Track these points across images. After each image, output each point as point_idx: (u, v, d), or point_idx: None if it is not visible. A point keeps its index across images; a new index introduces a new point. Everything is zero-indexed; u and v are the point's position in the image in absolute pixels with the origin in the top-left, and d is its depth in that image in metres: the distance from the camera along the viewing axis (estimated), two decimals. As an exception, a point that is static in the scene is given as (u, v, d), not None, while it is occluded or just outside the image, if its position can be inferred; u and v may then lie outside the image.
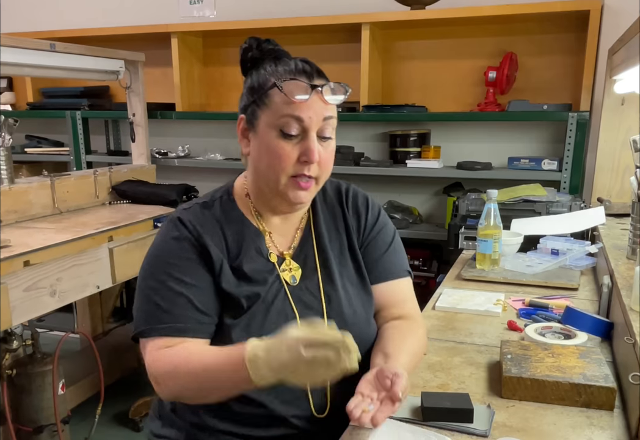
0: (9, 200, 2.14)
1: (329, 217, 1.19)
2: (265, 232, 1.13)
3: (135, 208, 2.53)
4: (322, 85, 1.01)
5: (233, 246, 1.09)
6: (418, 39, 2.76)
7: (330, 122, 1.04)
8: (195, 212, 1.11)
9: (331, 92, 1.03)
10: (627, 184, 2.21)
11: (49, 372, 2.13)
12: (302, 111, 1.01)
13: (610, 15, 2.30)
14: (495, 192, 1.67)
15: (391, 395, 0.93)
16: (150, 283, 1.05)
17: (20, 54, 2.15)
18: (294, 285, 1.11)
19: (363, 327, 1.12)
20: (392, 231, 1.23)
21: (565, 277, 1.65)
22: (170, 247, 1.07)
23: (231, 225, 1.11)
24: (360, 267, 1.17)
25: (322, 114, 1.02)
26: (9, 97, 3.50)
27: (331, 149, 1.07)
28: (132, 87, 2.81)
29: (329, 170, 1.09)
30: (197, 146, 3.18)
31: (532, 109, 2.44)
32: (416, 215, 2.81)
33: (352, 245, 1.18)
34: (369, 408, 0.92)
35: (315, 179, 1.07)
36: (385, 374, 0.96)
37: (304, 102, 1.00)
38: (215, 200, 1.14)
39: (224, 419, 1.07)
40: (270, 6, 2.94)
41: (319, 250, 1.15)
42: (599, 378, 0.99)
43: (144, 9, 3.19)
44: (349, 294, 1.13)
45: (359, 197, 1.22)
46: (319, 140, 1.04)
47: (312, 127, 1.02)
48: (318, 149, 1.03)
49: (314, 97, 1.01)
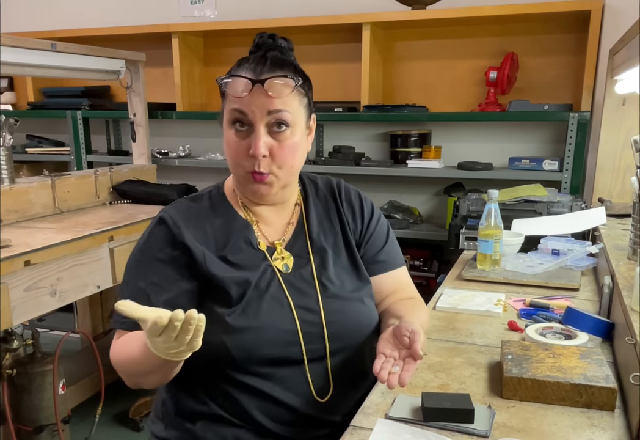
0: (10, 200, 2.14)
1: (323, 211, 1.21)
2: (254, 222, 1.15)
3: (135, 208, 2.53)
4: (264, 80, 1.02)
5: (220, 238, 1.11)
6: (419, 39, 2.76)
7: (279, 116, 1.03)
8: (181, 206, 1.14)
9: (273, 85, 1.03)
10: (627, 185, 2.21)
11: (50, 371, 2.13)
12: (245, 105, 1.03)
13: (611, 15, 2.30)
14: (496, 192, 1.67)
15: (412, 353, 0.95)
16: (125, 277, 1.11)
17: (21, 53, 2.15)
18: (287, 272, 1.12)
19: (357, 307, 1.13)
20: (386, 223, 1.28)
21: (566, 277, 1.64)
22: (145, 245, 1.11)
23: (219, 217, 1.14)
24: (355, 257, 1.19)
25: (266, 107, 1.03)
26: (9, 96, 3.50)
27: (290, 142, 1.06)
28: (132, 87, 2.81)
29: (289, 164, 1.07)
30: (198, 146, 3.18)
31: (532, 109, 2.44)
32: (417, 215, 2.81)
33: (347, 238, 1.19)
34: (394, 369, 0.93)
35: (274, 174, 1.07)
36: (403, 331, 0.99)
37: (247, 97, 1.02)
38: (204, 194, 1.18)
39: (230, 413, 1.07)
40: (271, 6, 2.94)
41: (312, 241, 1.16)
42: (600, 378, 0.99)
43: (145, 9, 3.19)
44: (343, 280, 1.15)
45: (351, 192, 1.25)
46: (272, 134, 1.04)
47: (257, 121, 1.03)
48: (268, 143, 1.04)
49: (257, 91, 1.02)
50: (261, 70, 1.04)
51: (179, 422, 1.13)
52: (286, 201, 1.18)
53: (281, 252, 1.14)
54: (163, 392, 1.19)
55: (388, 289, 1.22)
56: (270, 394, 1.06)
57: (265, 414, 1.06)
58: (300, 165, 1.12)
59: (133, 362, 0.99)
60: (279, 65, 1.06)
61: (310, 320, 1.08)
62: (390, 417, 0.96)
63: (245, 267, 1.09)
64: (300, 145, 1.09)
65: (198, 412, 1.11)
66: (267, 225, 1.17)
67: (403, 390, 1.04)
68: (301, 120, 1.08)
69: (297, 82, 1.04)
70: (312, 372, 1.07)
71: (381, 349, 0.98)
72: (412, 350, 0.95)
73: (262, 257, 1.12)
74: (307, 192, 1.22)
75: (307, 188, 1.22)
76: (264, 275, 1.10)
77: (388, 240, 1.24)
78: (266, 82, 1.02)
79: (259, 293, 1.08)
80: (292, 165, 1.09)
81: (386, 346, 0.99)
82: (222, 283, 1.07)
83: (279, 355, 1.05)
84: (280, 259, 1.13)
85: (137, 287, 1.07)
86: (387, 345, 0.99)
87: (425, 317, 1.20)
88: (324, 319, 1.08)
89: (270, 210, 1.17)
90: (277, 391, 1.06)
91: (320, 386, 1.08)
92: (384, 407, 1.00)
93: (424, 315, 1.19)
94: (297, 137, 1.07)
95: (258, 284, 1.08)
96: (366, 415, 0.98)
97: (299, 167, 1.12)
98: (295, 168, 1.11)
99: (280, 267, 1.12)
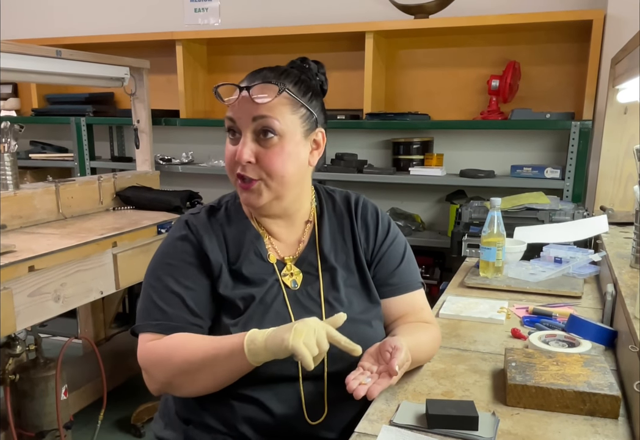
0: (14, 206, 2.15)
1: (336, 227, 1.19)
2: (265, 234, 1.15)
3: (139, 214, 2.54)
4: (249, 87, 1.04)
5: (233, 250, 1.12)
6: (421, 47, 2.78)
7: (264, 122, 1.04)
8: (202, 217, 1.15)
9: (258, 91, 1.04)
10: (629, 193, 2.22)
11: (52, 377, 2.13)
12: (234, 112, 1.06)
13: (613, 25, 2.31)
14: (498, 200, 1.67)
15: (388, 368, 0.95)
16: (151, 281, 1.10)
17: (27, 60, 2.16)
18: (295, 289, 1.12)
19: (364, 330, 1.11)
20: (404, 243, 1.24)
21: (568, 285, 1.65)
22: (173, 248, 1.11)
23: (233, 228, 1.14)
24: (366, 277, 1.17)
25: (251, 113, 1.04)
26: (14, 103, 3.52)
27: (278, 150, 1.05)
28: (136, 94, 2.82)
29: (276, 172, 1.05)
30: (201, 153, 3.19)
31: (534, 118, 2.45)
32: (419, 222, 2.81)
33: (359, 257, 1.18)
34: (365, 381, 0.94)
35: (261, 181, 1.06)
36: (386, 347, 0.99)
37: (235, 103, 1.05)
38: (222, 204, 1.18)
39: (223, 420, 1.07)
40: (274, 14, 2.96)
41: (323, 260, 1.16)
42: (604, 386, 0.99)
43: (150, 16, 3.21)
44: (352, 300, 1.13)
45: (368, 209, 1.22)
46: (259, 141, 1.05)
47: (243, 127, 1.05)
48: (254, 149, 1.05)
49: (244, 98, 1.04)
50: (254, 78, 1.06)
51: (176, 422, 1.14)
52: (293, 216, 1.16)
53: (291, 268, 1.14)
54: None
55: (397, 313, 1.19)
56: (264, 405, 1.05)
57: (255, 426, 1.05)
58: (294, 178, 1.08)
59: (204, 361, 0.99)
60: (277, 74, 1.07)
61: None
62: (394, 424, 0.96)
63: (253, 281, 1.10)
64: (292, 156, 1.06)
65: (190, 415, 1.11)
66: (277, 240, 1.17)
67: (407, 396, 1.05)
68: (295, 130, 1.06)
69: (281, 89, 1.03)
70: (307, 391, 1.06)
71: (361, 362, 0.99)
72: (389, 366, 0.95)
73: (272, 270, 1.12)
74: (322, 207, 1.20)
75: (324, 203, 1.21)
76: (271, 290, 1.10)
77: (403, 262, 1.20)
78: (251, 89, 1.03)
79: (263, 308, 1.08)
80: (283, 175, 1.06)
81: (367, 360, 1.00)
82: (229, 297, 1.08)
83: (275, 371, 1.04)
84: (290, 275, 1.14)
85: (170, 289, 1.07)
86: (369, 359, 1.00)
87: (429, 342, 1.16)
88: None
89: (280, 226, 1.16)
90: (272, 403, 1.05)
91: (313, 406, 1.07)
92: (388, 414, 1.00)
93: (428, 339, 1.15)
94: (289, 147, 1.06)
95: (263, 298, 1.09)
96: (370, 422, 0.98)
97: (294, 180, 1.09)
98: (288, 179, 1.07)
99: (288, 283, 1.12)
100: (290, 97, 1.06)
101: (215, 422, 1.08)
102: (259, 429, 1.06)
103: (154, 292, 1.08)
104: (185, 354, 1.00)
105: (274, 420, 1.05)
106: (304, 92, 1.08)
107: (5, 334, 1.71)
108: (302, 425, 1.06)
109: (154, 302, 1.07)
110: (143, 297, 1.10)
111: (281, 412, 1.05)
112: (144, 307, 1.09)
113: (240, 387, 1.05)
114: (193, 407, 1.11)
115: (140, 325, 1.08)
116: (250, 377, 1.03)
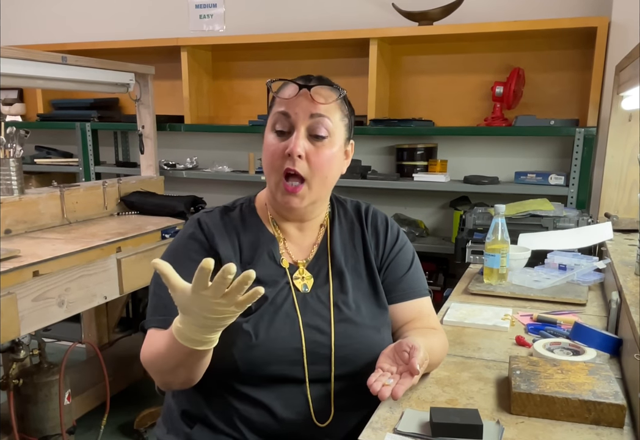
0: (19, 211, 2.16)
1: (347, 233, 1.22)
2: (280, 238, 1.17)
3: (143, 219, 2.54)
4: (311, 86, 1.07)
5: (247, 251, 1.14)
6: (425, 53, 2.79)
7: (321, 121, 1.07)
8: (214, 216, 1.17)
9: (319, 92, 1.08)
10: (634, 200, 2.21)
11: (55, 382, 2.14)
12: (289, 107, 1.07)
13: (618, 32, 2.31)
14: (503, 206, 1.67)
15: (409, 367, 0.95)
16: (157, 278, 1.11)
17: (32, 66, 2.18)
18: (305, 292, 1.14)
19: (372, 335, 1.13)
20: (412, 251, 1.26)
21: (573, 292, 1.64)
22: (182, 245, 1.13)
23: (247, 230, 1.16)
24: (376, 283, 1.19)
25: (310, 110, 1.07)
26: (19, 108, 3.54)
27: (327, 151, 1.09)
28: (141, 100, 2.84)
29: (323, 172, 1.10)
30: (205, 158, 3.20)
31: (539, 124, 2.45)
32: (423, 228, 2.81)
33: (369, 262, 1.20)
34: (388, 382, 0.94)
35: (305, 180, 1.08)
36: (403, 347, 0.99)
37: (292, 100, 1.07)
38: (237, 206, 1.20)
39: (228, 422, 1.08)
40: (278, 21, 2.97)
41: (333, 264, 1.17)
42: (609, 395, 0.99)
43: (155, 22, 3.23)
44: (360, 305, 1.15)
45: (378, 217, 1.25)
46: (311, 139, 1.08)
47: (299, 123, 1.07)
48: (306, 146, 1.07)
49: (303, 95, 1.07)
50: (309, 80, 1.10)
51: (179, 427, 1.15)
52: (313, 220, 1.20)
53: (303, 272, 1.16)
54: (170, 398, 1.20)
55: (405, 318, 1.20)
56: (269, 407, 1.05)
57: (259, 428, 1.06)
58: (332, 181, 1.14)
59: (161, 357, 1.00)
60: (327, 82, 1.12)
61: (319, 341, 1.08)
62: (398, 432, 0.96)
63: (265, 283, 1.10)
64: (336, 158, 1.12)
65: (194, 417, 1.12)
66: (293, 243, 1.18)
67: (411, 404, 1.04)
68: (340, 135, 1.11)
69: (341, 93, 1.09)
70: (313, 393, 1.07)
71: (380, 364, 0.99)
72: (410, 365, 0.96)
73: (283, 273, 1.14)
74: (334, 214, 1.23)
75: (335, 210, 1.24)
76: (282, 291, 1.12)
77: (411, 269, 1.23)
78: (312, 88, 1.07)
79: (274, 308, 1.09)
80: (327, 176, 1.11)
81: (385, 361, 1.00)
82: None
83: (282, 372, 1.05)
84: (301, 278, 1.15)
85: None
86: (387, 360, 1.00)
87: (440, 346, 1.16)
88: (333, 342, 1.08)
89: (297, 229, 1.19)
90: (276, 406, 1.06)
91: (320, 409, 1.08)
92: (392, 422, 1.00)
93: (439, 344, 1.16)
94: (335, 149, 1.11)
95: (275, 299, 1.10)
96: (374, 430, 0.98)
97: (332, 183, 1.14)
98: (329, 181, 1.12)
99: (299, 287, 1.14)
100: (342, 105, 1.12)
101: (220, 423, 1.08)
102: (262, 431, 1.06)
103: (159, 288, 1.09)
104: (152, 356, 1.03)
105: (278, 423, 1.06)
106: (348, 104, 1.15)
107: (9, 339, 1.71)
108: (307, 428, 1.07)
109: (159, 297, 1.09)
110: (151, 293, 1.12)
111: (286, 415, 1.06)
112: (151, 303, 1.12)
113: (245, 389, 1.05)
114: (197, 409, 1.11)
115: (147, 320, 1.10)
116: (256, 379, 1.04)
